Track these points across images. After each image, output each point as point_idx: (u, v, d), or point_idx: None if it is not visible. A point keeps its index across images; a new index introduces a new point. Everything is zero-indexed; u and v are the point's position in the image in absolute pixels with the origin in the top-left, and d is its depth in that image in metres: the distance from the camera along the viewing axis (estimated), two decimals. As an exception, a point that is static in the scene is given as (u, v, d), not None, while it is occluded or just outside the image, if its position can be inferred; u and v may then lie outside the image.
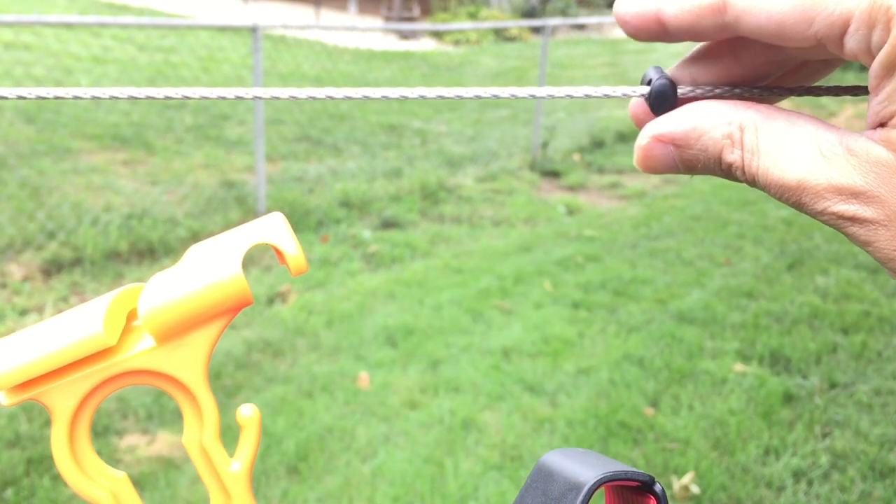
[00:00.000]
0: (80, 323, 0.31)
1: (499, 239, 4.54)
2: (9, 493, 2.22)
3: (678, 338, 3.26)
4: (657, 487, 0.37)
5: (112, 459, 2.38)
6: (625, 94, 0.36)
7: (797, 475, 2.43)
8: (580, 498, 0.35)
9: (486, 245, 4.41)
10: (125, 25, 3.94)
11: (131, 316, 0.34)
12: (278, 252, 0.33)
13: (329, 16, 16.00)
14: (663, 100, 0.35)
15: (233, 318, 0.33)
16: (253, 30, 4.18)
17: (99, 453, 2.36)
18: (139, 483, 2.29)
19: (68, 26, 9.06)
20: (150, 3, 15.89)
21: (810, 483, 2.40)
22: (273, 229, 0.33)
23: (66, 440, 0.32)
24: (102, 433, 2.50)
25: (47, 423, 2.53)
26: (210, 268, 0.32)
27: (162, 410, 2.63)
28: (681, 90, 0.35)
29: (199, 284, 0.31)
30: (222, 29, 10.33)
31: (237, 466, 0.34)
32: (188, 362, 0.33)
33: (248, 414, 0.34)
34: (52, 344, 0.31)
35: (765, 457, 2.51)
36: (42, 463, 2.34)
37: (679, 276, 3.96)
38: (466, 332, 3.28)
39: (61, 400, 0.32)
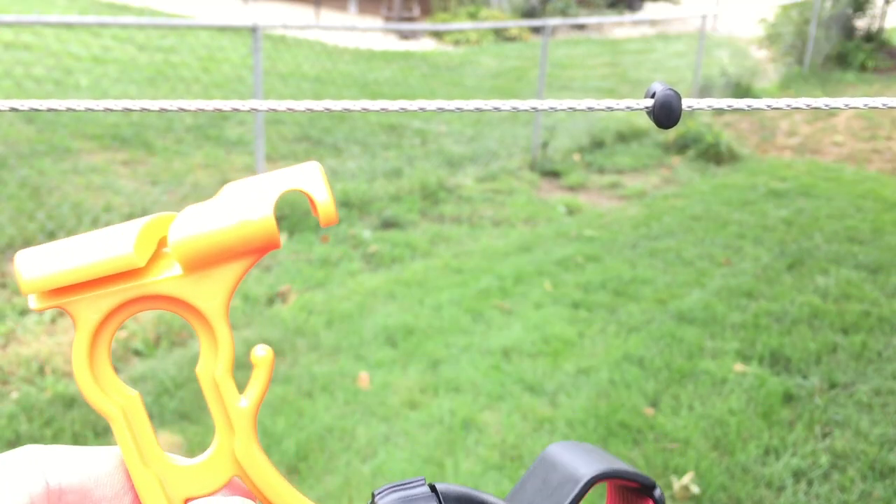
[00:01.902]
0: (113, 242, 0.32)
1: (499, 239, 4.54)
2: (9, 493, 2.22)
3: (678, 338, 3.26)
4: (657, 493, 0.37)
5: (112, 459, 2.38)
6: (629, 108, 0.35)
7: (797, 475, 2.43)
8: (576, 491, 0.35)
9: (486, 245, 4.41)
10: (125, 25, 3.93)
11: (162, 243, 0.34)
12: (311, 200, 0.34)
13: (329, 16, 16.00)
14: (669, 112, 0.34)
15: (259, 259, 0.34)
16: (253, 30, 4.18)
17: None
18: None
19: (68, 26, 9.06)
20: (150, 3, 15.89)
21: (810, 483, 2.40)
22: (307, 177, 0.33)
23: (86, 352, 0.33)
24: (102, 433, 2.50)
25: (47, 422, 2.53)
26: (243, 206, 0.33)
27: (162, 410, 2.63)
28: (685, 102, 0.35)
29: (230, 221, 0.32)
30: (222, 29, 10.33)
31: (245, 403, 0.35)
32: (211, 294, 0.33)
33: (261, 354, 0.35)
34: (83, 257, 0.32)
35: (765, 457, 2.51)
36: (42, 463, 2.34)
37: (679, 276, 3.96)
38: (466, 332, 3.28)
39: (86, 312, 0.33)
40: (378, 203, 4.95)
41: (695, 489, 2.32)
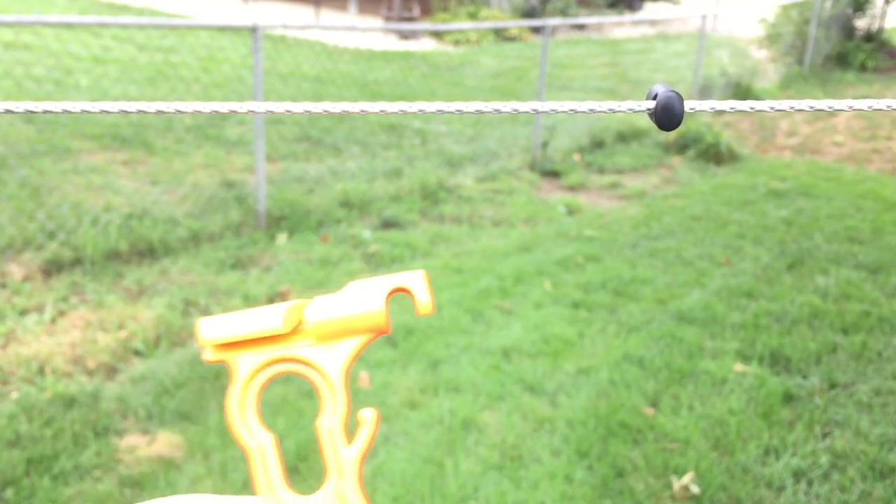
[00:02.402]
0: (266, 316, 0.43)
1: (499, 239, 4.54)
2: (9, 493, 2.22)
3: (678, 338, 3.26)
4: None
5: (112, 459, 2.38)
6: (630, 109, 0.36)
7: (797, 475, 2.43)
8: None
9: (486, 245, 4.41)
10: (125, 25, 3.93)
11: (301, 321, 0.44)
12: (412, 297, 0.44)
13: (329, 16, 15.99)
14: (671, 114, 0.34)
15: (375, 339, 0.44)
16: (253, 30, 4.18)
17: (98, 453, 2.34)
18: (139, 483, 2.29)
19: (68, 26, 9.06)
20: (150, 3, 15.89)
21: (810, 483, 2.40)
22: (414, 280, 0.44)
23: (239, 397, 0.43)
24: (103, 433, 2.50)
25: (47, 422, 2.53)
26: (362, 300, 0.43)
27: (162, 411, 2.63)
28: (687, 105, 0.35)
29: (349, 311, 0.43)
30: (222, 29, 10.32)
31: (352, 452, 0.43)
32: (335, 361, 0.43)
33: (366, 415, 0.44)
34: (245, 326, 0.43)
35: (765, 457, 2.51)
36: (42, 463, 2.34)
37: (679, 276, 3.96)
38: (466, 332, 3.28)
39: (241, 366, 0.43)
40: (378, 203, 4.95)
41: (695, 489, 2.32)
